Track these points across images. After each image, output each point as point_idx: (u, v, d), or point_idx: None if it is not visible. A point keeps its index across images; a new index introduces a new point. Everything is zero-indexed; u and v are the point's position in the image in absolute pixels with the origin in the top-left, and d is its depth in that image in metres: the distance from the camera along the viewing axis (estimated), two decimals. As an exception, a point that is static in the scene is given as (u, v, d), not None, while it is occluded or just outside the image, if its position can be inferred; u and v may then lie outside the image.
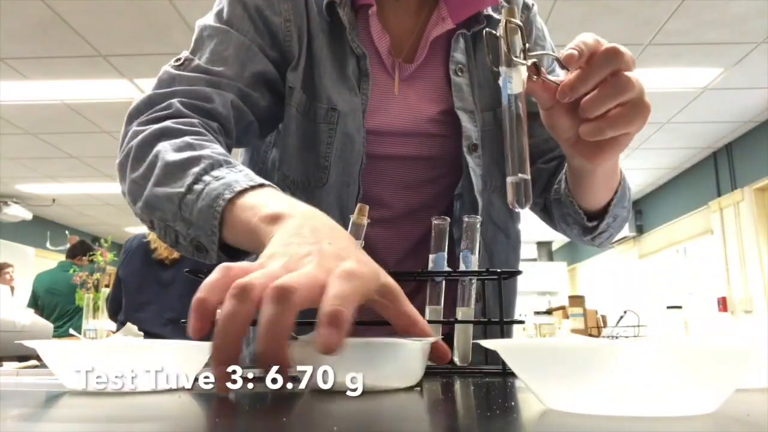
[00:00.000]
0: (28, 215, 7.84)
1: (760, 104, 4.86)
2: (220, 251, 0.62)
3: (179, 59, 0.83)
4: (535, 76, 0.58)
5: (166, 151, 0.68)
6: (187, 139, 0.69)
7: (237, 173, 0.62)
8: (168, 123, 0.73)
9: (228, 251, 0.62)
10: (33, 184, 7.14)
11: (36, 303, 4.73)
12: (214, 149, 0.68)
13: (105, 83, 4.42)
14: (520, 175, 0.57)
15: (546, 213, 0.96)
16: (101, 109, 4.90)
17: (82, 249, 4.83)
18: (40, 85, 4.46)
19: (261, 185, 0.59)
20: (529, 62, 0.57)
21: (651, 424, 0.32)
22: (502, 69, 0.57)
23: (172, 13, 3.45)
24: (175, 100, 0.77)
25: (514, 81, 0.57)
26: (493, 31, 0.58)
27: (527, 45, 0.57)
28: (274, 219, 0.52)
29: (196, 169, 0.63)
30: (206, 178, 0.62)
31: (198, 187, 0.61)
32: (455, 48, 0.89)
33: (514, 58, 0.56)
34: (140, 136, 0.72)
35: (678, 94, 4.63)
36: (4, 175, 6.71)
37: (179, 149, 0.67)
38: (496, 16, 0.89)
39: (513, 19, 0.57)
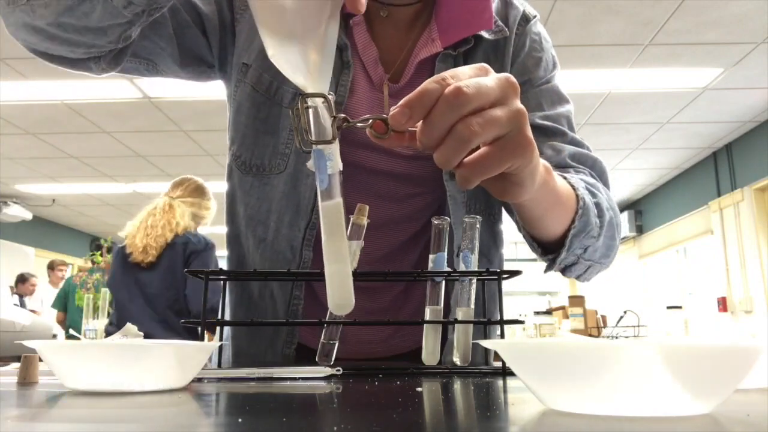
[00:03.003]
0: (28, 215, 7.85)
1: (760, 104, 4.87)
2: None
3: None
4: (383, 135, 0.49)
5: None
6: None
7: None
8: None
9: None
10: (33, 184, 7.15)
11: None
12: None
13: (105, 83, 4.42)
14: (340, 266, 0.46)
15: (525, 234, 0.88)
16: (101, 109, 4.90)
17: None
18: (40, 85, 4.47)
19: None
20: (370, 122, 0.48)
21: (651, 424, 0.32)
22: (322, 146, 0.47)
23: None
24: None
25: (335, 157, 0.47)
26: (308, 103, 0.47)
27: (340, 116, 0.47)
28: None
29: None
30: None
31: None
32: (440, 68, 0.85)
33: (335, 132, 0.47)
34: None
35: (678, 94, 4.63)
36: (4, 175, 6.71)
37: None
38: (486, 36, 0.87)
39: (326, 93, 0.47)
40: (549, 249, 0.77)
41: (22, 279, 6.83)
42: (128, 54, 0.81)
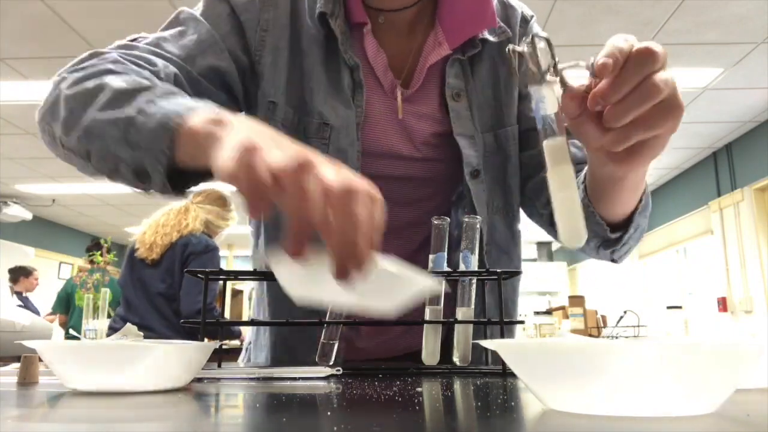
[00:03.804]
0: (28, 215, 7.84)
1: (760, 104, 4.86)
2: (166, 178, 0.57)
3: (134, 37, 0.80)
4: (561, 88, 0.53)
5: (113, 81, 0.64)
6: (135, 76, 0.66)
7: (196, 102, 0.58)
8: (110, 65, 0.68)
9: (172, 180, 0.58)
10: (33, 184, 7.14)
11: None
12: (169, 86, 0.65)
13: (105, 83, 4.42)
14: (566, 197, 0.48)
15: (554, 228, 0.90)
16: (101, 109, 4.89)
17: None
18: (40, 85, 4.46)
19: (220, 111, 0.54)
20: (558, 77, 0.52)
21: (651, 424, 0.32)
22: (533, 88, 0.52)
23: (172, 13, 3.45)
24: (114, 53, 0.73)
25: (548, 100, 0.51)
26: (518, 48, 0.52)
27: (557, 59, 0.52)
28: (220, 122, 0.49)
29: (148, 94, 0.60)
30: (161, 101, 0.58)
31: (151, 109, 0.57)
32: (450, 73, 0.86)
33: (546, 75, 0.51)
34: (77, 75, 0.68)
35: (678, 94, 4.63)
36: (4, 175, 6.71)
37: (128, 81, 0.63)
38: (491, 39, 0.88)
39: (540, 33, 0.52)
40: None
41: (24, 272, 5.93)
42: None
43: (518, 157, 0.92)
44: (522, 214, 0.96)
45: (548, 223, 0.90)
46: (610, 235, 0.78)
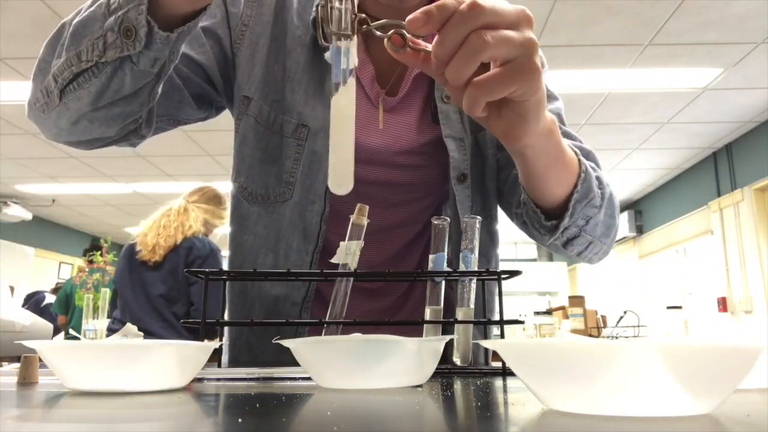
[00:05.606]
0: (28, 215, 7.84)
1: (760, 104, 4.86)
2: (152, 29, 0.61)
3: None
4: (400, 49, 0.53)
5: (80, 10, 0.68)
6: None
7: None
8: None
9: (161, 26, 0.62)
10: (33, 184, 7.14)
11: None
12: None
13: (105, 83, 4.42)
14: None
15: (525, 226, 0.86)
16: (101, 109, 4.90)
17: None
18: (40, 85, 4.46)
19: None
20: (389, 33, 0.52)
21: (651, 424, 0.32)
22: (340, 43, 0.51)
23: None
24: None
25: (352, 56, 0.51)
26: (321, 1, 0.52)
27: (361, 15, 0.52)
28: None
29: None
30: None
31: None
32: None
33: (339, 30, 0.51)
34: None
35: (678, 94, 4.63)
36: (4, 175, 6.71)
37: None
38: None
39: None
40: (551, 219, 0.75)
41: None
42: (155, 115, 0.83)
43: (495, 160, 0.93)
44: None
45: (522, 222, 0.88)
46: (545, 222, 0.75)
